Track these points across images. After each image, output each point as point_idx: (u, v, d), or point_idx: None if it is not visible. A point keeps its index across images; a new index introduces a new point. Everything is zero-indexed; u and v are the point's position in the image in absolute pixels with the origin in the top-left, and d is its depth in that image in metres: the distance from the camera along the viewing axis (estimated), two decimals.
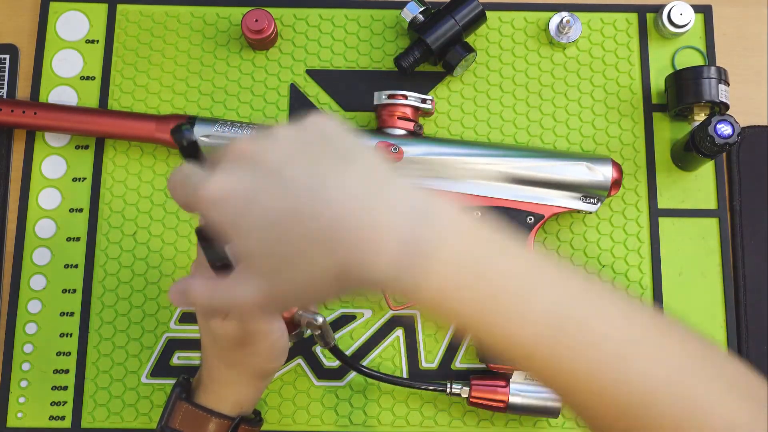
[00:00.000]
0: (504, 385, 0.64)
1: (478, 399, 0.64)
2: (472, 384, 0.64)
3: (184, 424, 0.56)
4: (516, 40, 0.74)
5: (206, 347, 0.57)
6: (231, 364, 0.56)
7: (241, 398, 0.57)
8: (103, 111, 0.71)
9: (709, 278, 0.70)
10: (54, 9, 0.74)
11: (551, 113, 0.73)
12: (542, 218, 0.65)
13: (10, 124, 0.69)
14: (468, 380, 0.65)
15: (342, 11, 0.75)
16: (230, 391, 0.57)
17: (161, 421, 0.58)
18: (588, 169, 0.66)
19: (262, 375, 0.58)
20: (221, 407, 0.57)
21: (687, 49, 0.74)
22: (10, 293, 0.69)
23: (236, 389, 0.57)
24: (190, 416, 0.56)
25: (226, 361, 0.56)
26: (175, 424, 0.57)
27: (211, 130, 0.67)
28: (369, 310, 0.69)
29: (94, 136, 0.71)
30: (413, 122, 0.67)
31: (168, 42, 0.74)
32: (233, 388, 0.57)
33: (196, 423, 0.56)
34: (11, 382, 0.68)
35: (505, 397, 0.64)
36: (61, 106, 0.71)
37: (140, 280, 0.70)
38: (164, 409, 0.58)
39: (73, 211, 0.71)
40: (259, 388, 0.59)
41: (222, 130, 0.67)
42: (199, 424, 0.56)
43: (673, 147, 0.72)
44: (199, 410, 0.56)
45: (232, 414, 0.57)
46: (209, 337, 0.55)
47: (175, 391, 0.58)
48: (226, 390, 0.57)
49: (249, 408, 0.59)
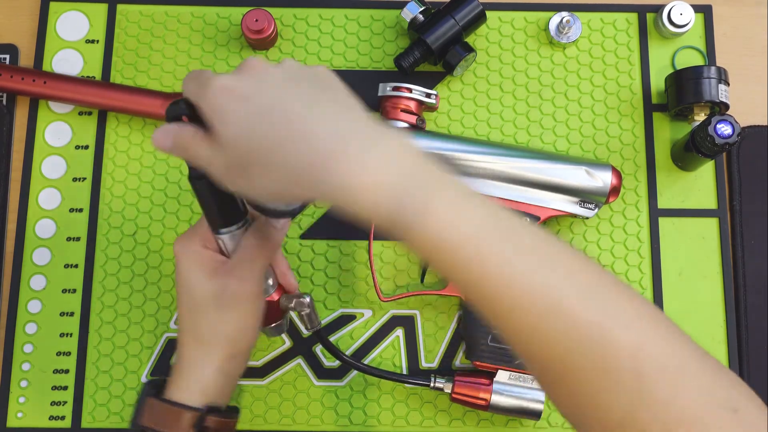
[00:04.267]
0: (487, 384, 0.64)
1: (460, 395, 0.64)
2: (455, 380, 0.65)
3: (151, 419, 0.55)
4: (516, 40, 0.74)
5: (182, 316, 0.56)
6: (200, 337, 0.55)
7: (207, 385, 0.56)
8: (110, 84, 0.71)
9: (709, 278, 0.70)
10: (54, 9, 0.74)
11: (551, 113, 0.73)
12: (538, 220, 0.65)
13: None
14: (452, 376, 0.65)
15: (342, 11, 0.75)
16: (194, 378, 0.55)
17: (132, 420, 0.57)
18: (587, 174, 0.66)
19: (230, 353, 0.56)
20: (187, 398, 0.55)
21: (687, 49, 0.74)
22: (10, 293, 0.69)
23: (202, 373, 0.56)
24: (157, 411, 0.55)
25: (196, 332, 0.55)
26: (143, 420, 0.56)
27: None
28: (369, 310, 0.69)
29: (99, 108, 0.71)
30: (416, 116, 0.67)
31: (168, 42, 0.74)
32: (199, 371, 0.56)
33: (162, 417, 0.55)
34: (11, 382, 0.68)
35: (488, 396, 0.64)
36: (66, 76, 0.71)
37: (140, 280, 0.70)
38: (134, 407, 0.57)
39: (73, 211, 0.71)
40: (228, 372, 0.57)
41: None
42: (166, 417, 0.55)
43: (673, 147, 0.72)
44: (164, 404, 0.55)
45: (198, 405, 0.55)
46: (186, 294, 0.55)
47: (145, 387, 0.57)
48: (190, 376, 0.56)
49: (218, 398, 0.57)
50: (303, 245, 0.70)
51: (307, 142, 0.41)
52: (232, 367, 0.57)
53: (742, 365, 0.68)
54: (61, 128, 0.72)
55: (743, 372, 0.68)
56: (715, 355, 0.68)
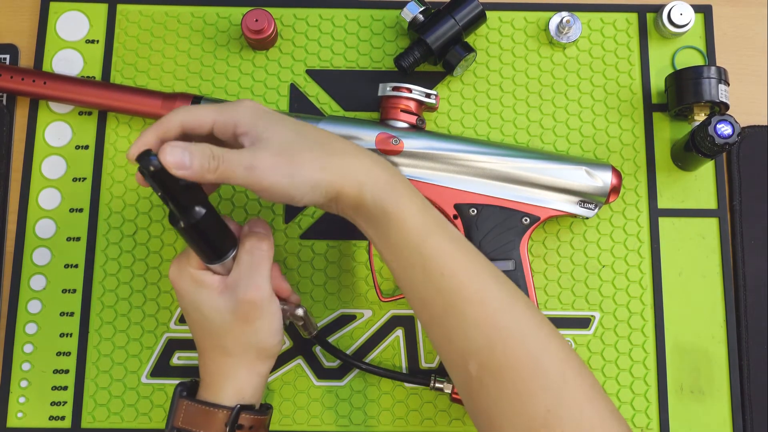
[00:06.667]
0: None
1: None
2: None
3: (186, 421, 0.56)
4: (516, 40, 0.74)
5: (200, 337, 0.57)
6: (228, 351, 0.56)
7: (242, 387, 0.57)
8: (110, 84, 0.71)
9: (709, 278, 0.70)
10: (54, 9, 0.74)
11: (551, 113, 0.73)
12: (538, 220, 0.65)
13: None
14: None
15: (342, 11, 0.75)
16: (229, 383, 0.57)
17: (167, 425, 0.58)
18: (587, 174, 0.66)
19: (264, 355, 0.58)
20: (221, 399, 0.56)
21: (687, 49, 0.74)
22: (10, 293, 0.69)
23: (236, 378, 0.57)
24: (191, 412, 0.56)
25: (222, 348, 0.56)
26: (178, 423, 0.57)
27: None
28: (369, 310, 0.69)
29: (99, 108, 0.71)
30: (416, 116, 0.67)
31: (168, 42, 0.74)
32: (232, 378, 0.57)
33: (197, 418, 0.56)
34: (11, 382, 0.68)
35: None
36: (66, 77, 0.71)
37: (140, 280, 0.70)
38: (169, 411, 0.58)
39: (73, 211, 0.71)
40: (260, 373, 0.58)
41: None
42: (200, 418, 0.56)
43: (673, 147, 0.72)
44: (198, 405, 0.56)
45: (231, 405, 0.56)
46: (198, 316, 0.56)
47: (177, 389, 0.58)
48: (224, 382, 0.57)
49: (252, 397, 0.58)
50: (303, 245, 0.70)
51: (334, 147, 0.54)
52: (263, 368, 0.59)
53: (742, 365, 0.68)
54: (61, 128, 0.72)
55: (743, 372, 0.68)
56: (715, 355, 0.69)
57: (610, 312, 0.69)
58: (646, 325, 0.69)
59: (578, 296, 0.70)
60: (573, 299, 0.70)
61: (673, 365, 0.69)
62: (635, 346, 0.69)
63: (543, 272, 0.70)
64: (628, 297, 0.70)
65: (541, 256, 0.70)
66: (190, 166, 0.48)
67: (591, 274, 0.70)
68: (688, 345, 0.69)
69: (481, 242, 0.64)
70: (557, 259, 0.70)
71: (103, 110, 0.72)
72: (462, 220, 0.65)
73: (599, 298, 0.70)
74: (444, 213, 0.65)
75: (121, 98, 0.70)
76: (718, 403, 0.68)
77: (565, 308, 0.70)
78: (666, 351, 0.69)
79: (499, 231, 0.65)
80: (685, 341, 0.69)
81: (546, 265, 0.70)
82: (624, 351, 0.69)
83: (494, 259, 0.64)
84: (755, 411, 0.67)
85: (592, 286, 0.70)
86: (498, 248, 0.65)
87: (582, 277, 0.70)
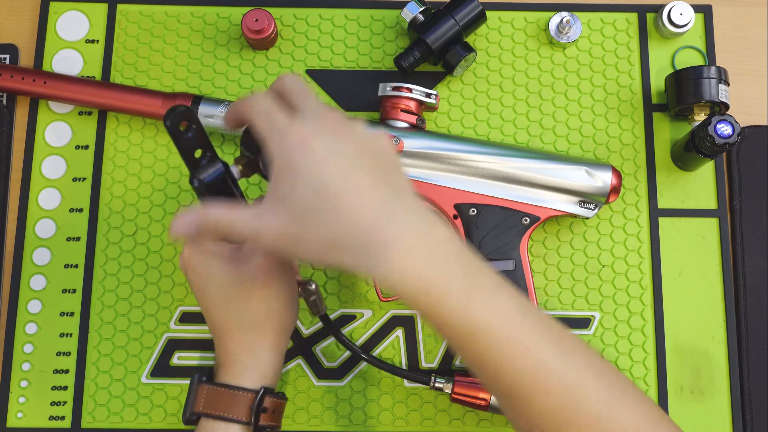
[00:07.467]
0: None
1: (460, 395, 0.64)
2: (455, 380, 0.65)
3: (208, 406, 0.54)
4: (516, 40, 0.74)
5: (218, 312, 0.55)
6: (248, 325, 0.55)
7: (263, 367, 0.55)
8: (110, 84, 0.71)
9: (709, 278, 0.70)
10: (54, 9, 0.74)
11: (551, 113, 0.73)
12: (538, 220, 0.65)
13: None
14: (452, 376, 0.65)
15: (342, 11, 0.75)
16: (251, 362, 0.55)
17: (186, 411, 0.56)
18: (587, 174, 0.66)
19: (282, 329, 0.56)
20: (244, 381, 0.55)
21: (687, 49, 0.74)
22: (10, 293, 0.69)
23: (257, 356, 0.55)
24: (213, 396, 0.54)
25: (241, 322, 0.55)
26: (198, 408, 0.55)
27: (215, 110, 0.68)
28: (369, 310, 0.69)
29: (99, 108, 0.71)
30: (416, 116, 0.67)
31: (168, 42, 0.74)
32: (254, 356, 0.55)
33: (220, 402, 0.54)
34: (11, 382, 0.68)
35: (488, 396, 0.64)
36: (66, 76, 0.71)
37: (140, 280, 0.70)
38: (187, 398, 0.56)
39: (73, 211, 0.71)
40: (280, 349, 0.57)
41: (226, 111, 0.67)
42: (224, 402, 0.54)
43: (673, 147, 0.72)
44: (220, 388, 0.54)
45: (256, 387, 0.55)
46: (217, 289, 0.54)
47: (195, 377, 0.56)
48: (247, 361, 0.55)
49: (273, 379, 0.56)
50: None
51: (368, 224, 0.43)
52: (282, 344, 0.57)
53: (742, 365, 0.68)
54: (61, 128, 0.72)
55: (743, 372, 0.68)
56: (715, 355, 0.69)
57: (610, 312, 0.69)
58: (646, 325, 0.69)
59: (578, 296, 0.70)
60: (573, 299, 0.70)
61: (673, 365, 0.69)
62: (635, 346, 0.69)
63: (543, 272, 0.70)
64: (628, 297, 0.70)
65: (541, 256, 0.70)
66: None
67: (591, 274, 0.70)
68: (688, 345, 0.69)
69: (481, 242, 0.65)
70: (557, 259, 0.70)
71: (103, 110, 0.72)
72: (462, 220, 0.65)
73: (599, 298, 0.70)
74: (444, 213, 0.65)
75: (121, 98, 0.70)
76: (718, 403, 0.68)
77: (565, 308, 0.70)
78: (666, 351, 0.69)
79: (499, 231, 0.65)
80: (685, 341, 0.69)
81: (546, 265, 0.70)
82: (624, 351, 0.69)
83: (494, 260, 0.64)
84: (755, 411, 0.67)
85: (592, 286, 0.70)
86: (498, 248, 0.65)
87: (582, 277, 0.70)
